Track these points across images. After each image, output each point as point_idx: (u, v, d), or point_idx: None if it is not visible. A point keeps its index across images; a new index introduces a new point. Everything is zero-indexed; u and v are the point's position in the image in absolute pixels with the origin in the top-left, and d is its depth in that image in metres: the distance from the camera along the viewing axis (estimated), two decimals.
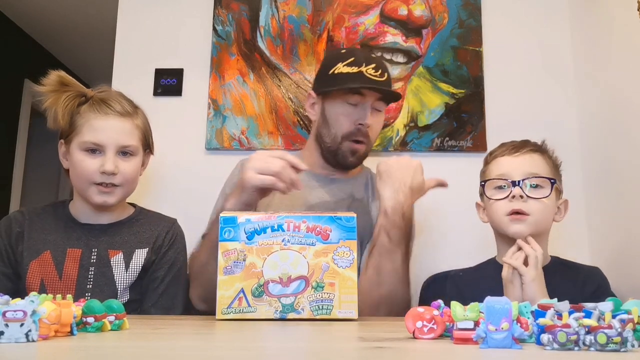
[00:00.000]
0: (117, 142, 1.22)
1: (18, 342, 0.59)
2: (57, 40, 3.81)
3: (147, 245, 1.26)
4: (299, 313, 0.92)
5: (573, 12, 1.87)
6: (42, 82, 1.23)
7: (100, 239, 1.24)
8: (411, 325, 0.68)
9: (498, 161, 1.24)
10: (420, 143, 1.82)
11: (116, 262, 1.22)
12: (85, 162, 1.21)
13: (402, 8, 1.87)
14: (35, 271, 1.19)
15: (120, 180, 1.23)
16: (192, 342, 0.69)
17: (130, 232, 1.27)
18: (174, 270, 1.26)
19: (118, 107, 1.24)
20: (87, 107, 1.23)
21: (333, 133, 1.37)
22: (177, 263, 1.28)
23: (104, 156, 1.21)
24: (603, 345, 0.56)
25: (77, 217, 1.28)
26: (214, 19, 1.89)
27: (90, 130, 1.21)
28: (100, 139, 1.21)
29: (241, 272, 0.93)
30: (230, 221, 0.96)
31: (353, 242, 0.95)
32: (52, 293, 1.13)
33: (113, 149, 1.21)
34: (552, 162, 1.24)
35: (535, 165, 1.20)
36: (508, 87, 1.85)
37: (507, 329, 0.59)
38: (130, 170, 1.24)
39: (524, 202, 1.15)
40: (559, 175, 1.26)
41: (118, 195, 1.24)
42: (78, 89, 1.26)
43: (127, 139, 1.24)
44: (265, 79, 1.86)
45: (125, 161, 1.24)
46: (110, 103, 1.24)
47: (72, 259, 1.21)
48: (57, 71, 1.25)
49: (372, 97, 1.35)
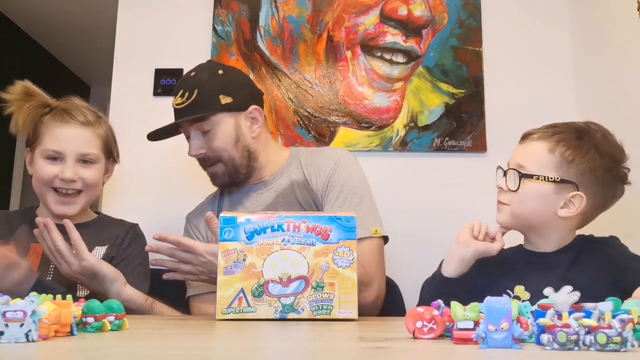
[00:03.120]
0: (77, 150, 1.26)
1: (18, 342, 0.59)
2: (57, 40, 3.81)
3: (107, 243, 1.30)
4: (299, 313, 0.92)
5: (573, 12, 1.87)
6: (8, 90, 1.30)
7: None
8: (411, 325, 0.68)
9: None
10: (420, 143, 1.82)
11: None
12: (45, 168, 1.26)
13: (402, 8, 1.87)
14: None
15: (81, 185, 1.27)
16: (192, 342, 0.69)
17: (91, 232, 1.29)
18: (133, 265, 1.29)
19: (80, 116, 1.29)
20: (50, 117, 1.29)
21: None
22: (136, 259, 1.30)
23: (64, 164, 1.25)
24: (603, 345, 0.56)
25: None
26: (214, 19, 1.89)
27: (51, 138, 1.26)
28: (60, 146, 1.25)
29: (241, 272, 0.93)
30: (230, 221, 0.96)
31: (353, 242, 0.95)
32: None
33: (73, 157, 1.26)
34: (560, 151, 1.10)
35: (526, 155, 1.13)
36: (508, 87, 1.85)
37: (507, 329, 0.59)
38: (90, 176, 1.28)
39: (505, 192, 1.14)
40: (565, 170, 1.10)
41: (80, 204, 1.29)
42: (42, 99, 1.32)
43: (87, 147, 1.28)
44: (265, 79, 1.86)
45: (85, 168, 1.28)
46: (72, 112, 1.29)
47: (34, 254, 1.24)
48: (23, 82, 1.31)
49: (189, 126, 1.33)
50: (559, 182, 1.08)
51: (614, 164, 1.11)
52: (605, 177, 1.10)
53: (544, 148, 1.11)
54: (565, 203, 1.09)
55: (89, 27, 3.51)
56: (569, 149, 1.09)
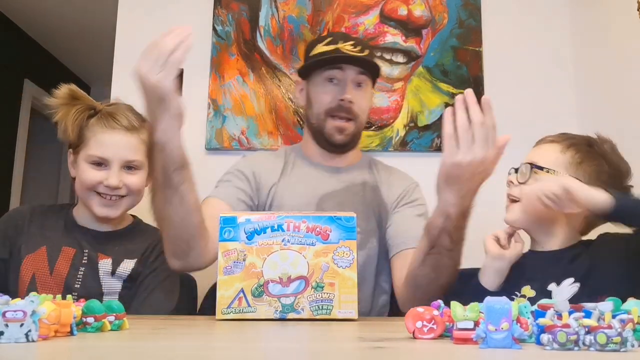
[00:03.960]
0: (122, 157, 1.24)
1: (18, 342, 0.59)
2: (57, 41, 3.82)
3: (136, 256, 1.28)
4: (299, 313, 0.92)
5: (573, 12, 1.87)
6: (53, 94, 1.26)
7: (93, 243, 1.27)
8: (411, 325, 0.68)
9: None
10: (420, 143, 1.82)
11: (103, 266, 1.25)
12: (90, 172, 1.24)
13: (402, 8, 1.87)
14: (29, 265, 1.23)
15: (125, 191, 1.25)
16: (192, 342, 0.69)
17: (123, 242, 1.29)
18: (159, 279, 1.27)
19: (125, 121, 1.26)
20: (95, 120, 1.26)
21: (316, 112, 1.36)
22: (164, 272, 1.27)
23: (109, 170, 1.24)
24: (603, 345, 0.56)
25: (78, 220, 1.31)
26: (214, 19, 1.89)
27: (96, 144, 1.24)
28: (105, 153, 1.23)
29: (241, 272, 0.93)
30: (230, 221, 0.96)
31: (353, 242, 0.95)
32: (41, 288, 1.17)
33: (118, 164, 1.24)
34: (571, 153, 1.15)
35: (539, 154, 1.19)
36: (508, 87, 1.85)
37: (507, 329, 0.59)
38: (135, 183, 1.26)
39: (515, 186, 1.19)
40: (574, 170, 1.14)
41: (122, 208, 1.27)
42: (87, 103, 1.29)
43: (132, 154, 1.25)
44: (265, 79, 1.86)
45: (130, 174, 1.26)
46: (117, 117, 1.26)
47: (65, 257, 1.24)
48: (69, 85, 1.27)
49: (351, 71, 1.33)
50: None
51: (619, 174, 1.16)
52: (609, 183, 1.12)
53: (557, 149, 1.17)
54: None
55: (89, 27, 3.51)
56: (579, 152, 1.15)
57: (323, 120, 1.34)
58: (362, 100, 1.35)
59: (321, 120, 1.35)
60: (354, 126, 1.35)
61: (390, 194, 1.38)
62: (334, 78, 1.33)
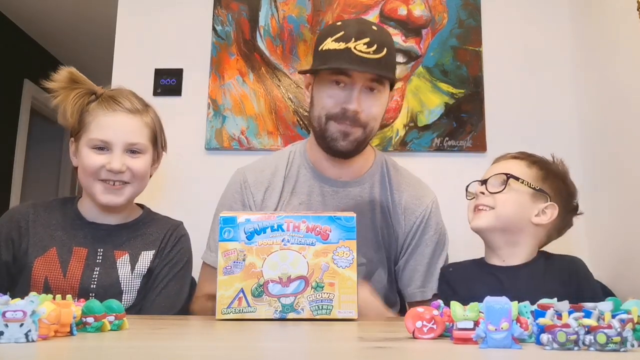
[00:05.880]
0: (125, 140, 1.19)
1: (18, 342, 0.59)
2: (57, 41, 3.81)
3: (154, 247, 1.25)
4: (299, 313, 0.92)
5: (573, 12, 1.87)
6: (52, 78, 1.21)
7: (106, 240, 1.23)
8: (411, 325, 0.68)
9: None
10: (420, 143, 1.82)
11: (122, 263, 1.21)
12: (92, 157, 1.19)
13: (402, 8, 1.87)
14: (40, 268, 1.17)
15: (129, 177, 1.21)
16: (192, 342, 0.69)
17: (137, 234, 1.25)
18: (175, 270, 1.25)
19: (127, 104, 1.22)
20: (96, 104, 1.21)
21: (317, 115, 1.25)
22: (180, 263, 1.26)
23: (112, 154, 1.19)
24: (603, 345, 0.56)
25: (85, 215, 1.25)
26: (214, 19, 1.89)
27: (98, 127, 1.19)
28: (107, 136, 1.18)
29: (241, 272, 0.93)
30: (230, 221, 0.96)
31: (353, 242, 0.95)
32: (56, 291, 1.12)
33: (121, 147, 1.19)
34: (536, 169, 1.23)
35: (507, 167, 1.23)
36: (508, 87, 1.85)
37: (506, 328, 0.59)
38: (138, 167, 1.21)
39: (487, 196, 1.22)
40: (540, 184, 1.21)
41: (126, 194, 1.22)
42: (88, 87, 1.24)
43: (135, 136, 1.21)
44: (265, 79, 1.86)
45: (134, 158, 1.21)
46: (119, 100, 1.22)
47: (77, 258, 1.19)
48: (68, 67, 1.23)
49: (362, 78, 1.19)
50: (538, 191, 1.19)
51: (573, 193, 1.26)
52: (568, 201, 1.24)
53: (522, 164, 1.24)
54: (539, 212, 1.20)
55: (89, 27, 3.51)
56: (542, 169, 1.23)
57: (325, 123, 1.23)
58: (372, 107, 1.22)
59: (323, 124, 1.24)
60: (360, 132, 1.23)
61: (406, 221, 1.30)
62: (341, 82, 1.21)
